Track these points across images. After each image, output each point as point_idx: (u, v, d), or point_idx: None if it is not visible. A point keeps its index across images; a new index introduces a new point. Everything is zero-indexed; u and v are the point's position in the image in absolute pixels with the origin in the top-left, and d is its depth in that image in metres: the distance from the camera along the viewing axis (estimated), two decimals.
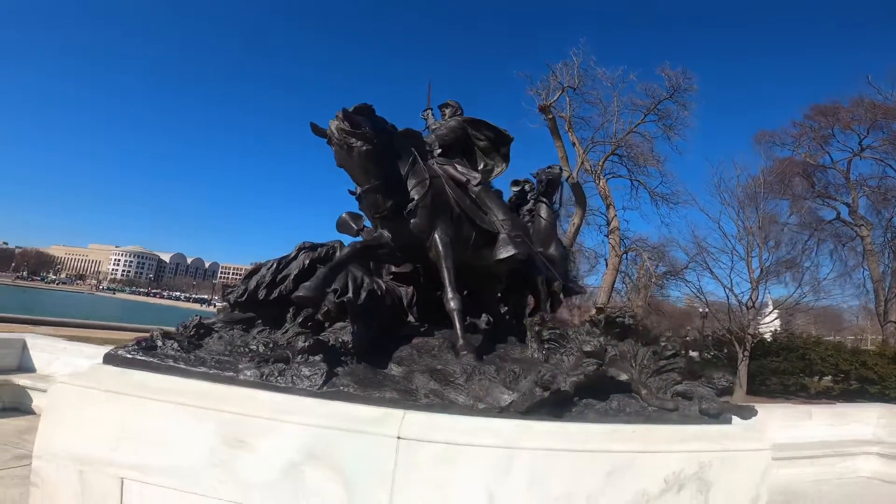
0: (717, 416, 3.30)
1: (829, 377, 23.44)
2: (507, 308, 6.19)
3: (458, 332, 3.78)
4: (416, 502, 2.82)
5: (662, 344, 3.36)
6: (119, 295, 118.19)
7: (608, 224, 26.96)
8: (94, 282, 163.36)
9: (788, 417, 8.51)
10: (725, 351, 23.93)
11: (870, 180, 28.63)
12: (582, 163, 26.70)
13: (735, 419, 3.39)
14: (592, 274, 30.25)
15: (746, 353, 21.53)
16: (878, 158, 28.17)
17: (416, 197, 4.03)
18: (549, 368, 3.09)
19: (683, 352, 3.38)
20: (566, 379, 2.98)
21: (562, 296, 6.57)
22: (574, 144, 27.10)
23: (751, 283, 22.14)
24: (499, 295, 6.12)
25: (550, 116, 25.75)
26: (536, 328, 3.81)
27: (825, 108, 29.32)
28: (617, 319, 3.33)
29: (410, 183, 4.07)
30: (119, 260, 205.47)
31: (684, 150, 28.63)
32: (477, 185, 4.76)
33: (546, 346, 3.60)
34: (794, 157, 29.36)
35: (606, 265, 27.05)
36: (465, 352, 3.58)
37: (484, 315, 5.53)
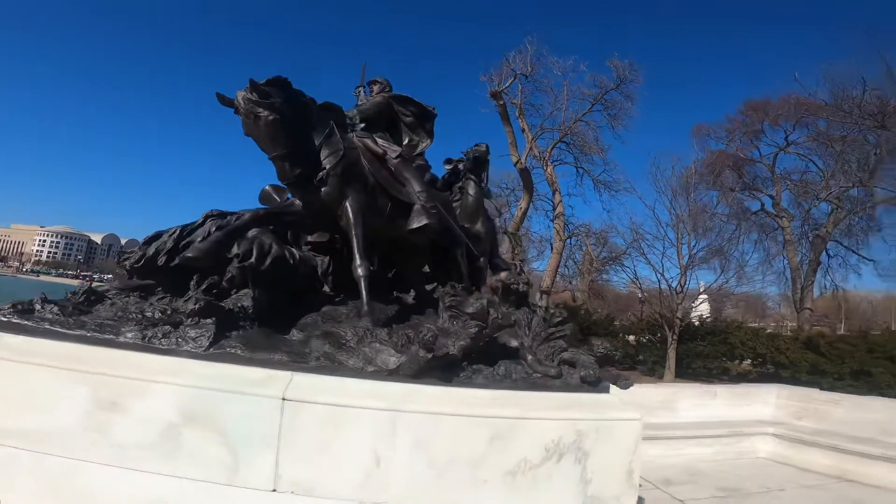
0: (596, 385, 3.40)
1: (749, 361, 25.14)
2: (436, 285, 6.27)
3: (364, 298, 3.81)
4: (303, 463, 2.84)
5: (551, 311, 3.49)
6: (43, 277, 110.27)
7: (554, 209, 27.67)
8: (16, 264, 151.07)
9: (695, 396, 8.72)
10: (658, 335, 25.19)
11: (793, 174, 30.47)
12: (530, 149, 27.15)
13: (613, 388, 3.52)
14: (540, 259, 31.07)
15: (675, 337, 22.79)
16: (802, 154, 30.03)
17: (328, 166, 4.05)
18: (430, 329, 3.15)
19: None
20: (455, 343, 3.05)
21: (488, 271, 6.71)
22: (524, 131, 27.49)
23: (680, 268, 23.47)
24: (427, 270, 6.19)
25: (501, 102, 25.98)
26: (446, 298, 3.88)
27: (757, 103, 30.67)
28: (512, 286, 3.43)
29: (324, 153, 4.10)
30: (45, 241, 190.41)
31: (627, 139, 29.63)
32: (396, 158, 4.82)
33: (449, 314, 3.67)
34: (727, 151, 30.98)
35: (552, 249, 27.80)
36: (366, 317, 3.60)
37: (412, 290, 5.59)
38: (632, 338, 27.48)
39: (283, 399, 2.81)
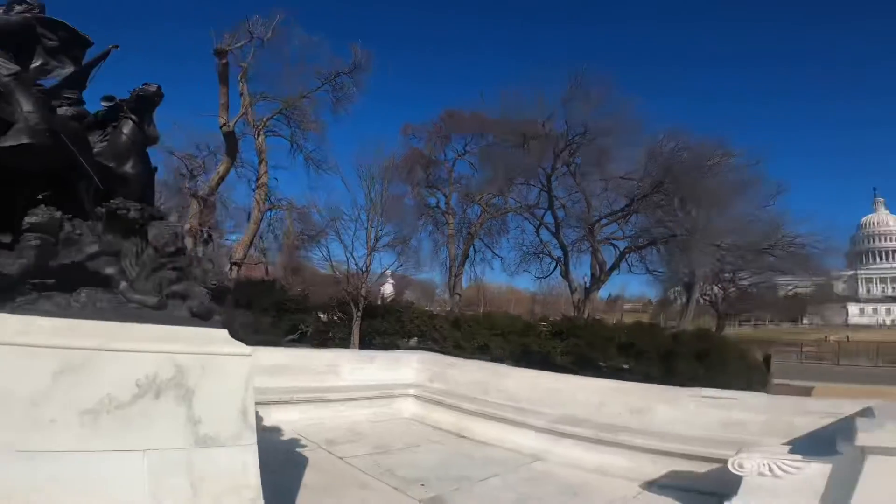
0: (207, 318, 3.29)
1: (416, 338, 29.66)
2: None
3: None
4: None
5: (164, 240, 3.28)
6: None
7: (258, 179, 26.36)
8: None
9: (355, 361, 9.35)
10: (347, 313, 27.07)
11: (462, 179, 36.88)
12: (244, 114, 25.22)
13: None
14: (239, 230, 29.05)
15: (359, 315, 25.06)
16: (472, 162, 36.60)
17: None
18: None
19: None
20: (15, 261, 2.54)
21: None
22: (242, 95, 25.36)
23: (367, 251, 26.01)
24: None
25: (225, 62, 23.38)
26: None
27: (453, 113, 36.30)
28: (119, 212, 3.07)
29: None
30: None
31: (346, 122, 30.52)
32: (8, 76, 3.98)
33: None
34: (422, 150, 35.85)
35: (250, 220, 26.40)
36: None
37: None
38: (324, 315, 28.70)
39: None
